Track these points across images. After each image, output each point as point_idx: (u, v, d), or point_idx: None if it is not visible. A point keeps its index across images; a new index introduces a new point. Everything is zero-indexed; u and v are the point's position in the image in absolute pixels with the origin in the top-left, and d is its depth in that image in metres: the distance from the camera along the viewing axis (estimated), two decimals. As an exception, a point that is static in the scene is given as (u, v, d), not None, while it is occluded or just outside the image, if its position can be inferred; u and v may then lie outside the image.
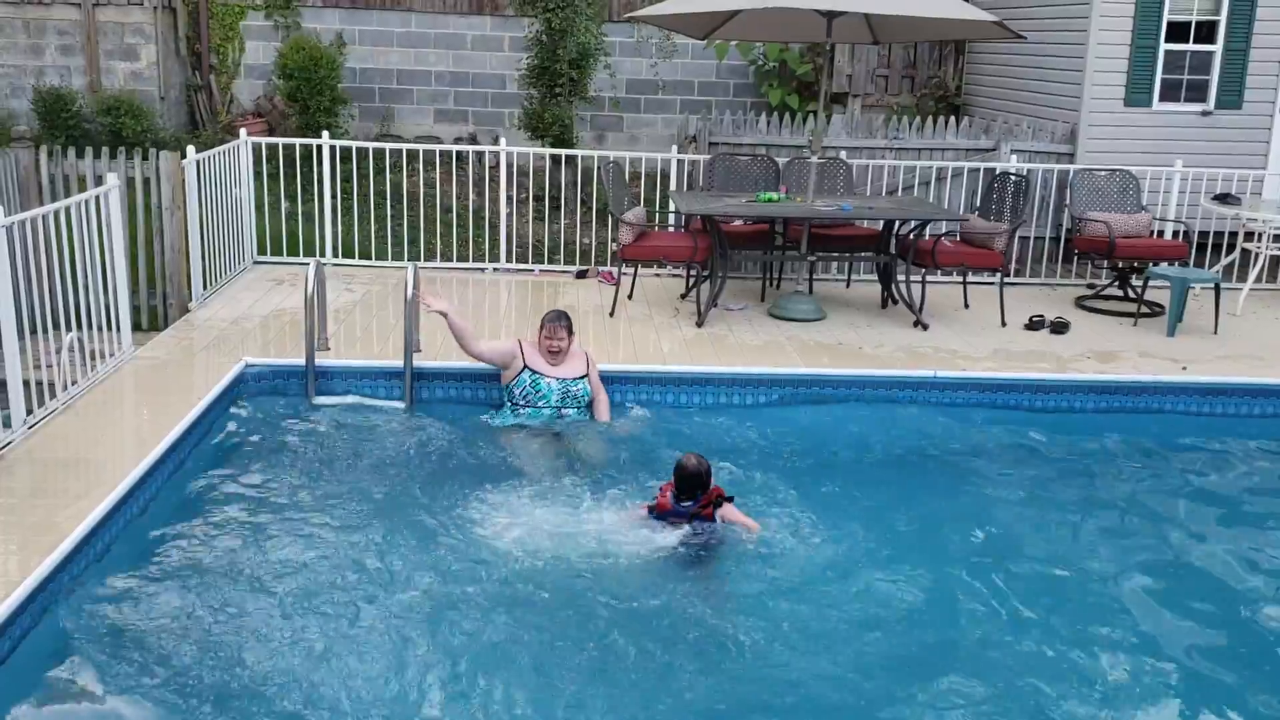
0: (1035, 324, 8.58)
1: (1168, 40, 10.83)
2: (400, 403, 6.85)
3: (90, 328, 6.50)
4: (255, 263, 9.59)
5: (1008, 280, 9.11)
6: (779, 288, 9.51)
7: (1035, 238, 10.46)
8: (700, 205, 8.54)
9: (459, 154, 11.45)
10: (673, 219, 9.76)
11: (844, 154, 10.21)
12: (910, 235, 8.76)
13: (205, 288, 8.41)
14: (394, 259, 9.89)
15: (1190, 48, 10.89)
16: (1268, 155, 11.08)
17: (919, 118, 11.40)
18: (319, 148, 9.63)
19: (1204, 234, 10.36)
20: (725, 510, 5.29)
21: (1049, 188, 10.47)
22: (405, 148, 10.26)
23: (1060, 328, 8.50)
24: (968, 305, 9.14)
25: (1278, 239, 9.80)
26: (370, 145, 10.08)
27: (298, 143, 10.00)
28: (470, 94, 14.30)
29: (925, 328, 8.40)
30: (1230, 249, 10.24)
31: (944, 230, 9.18)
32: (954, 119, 11.23)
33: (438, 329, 7.83)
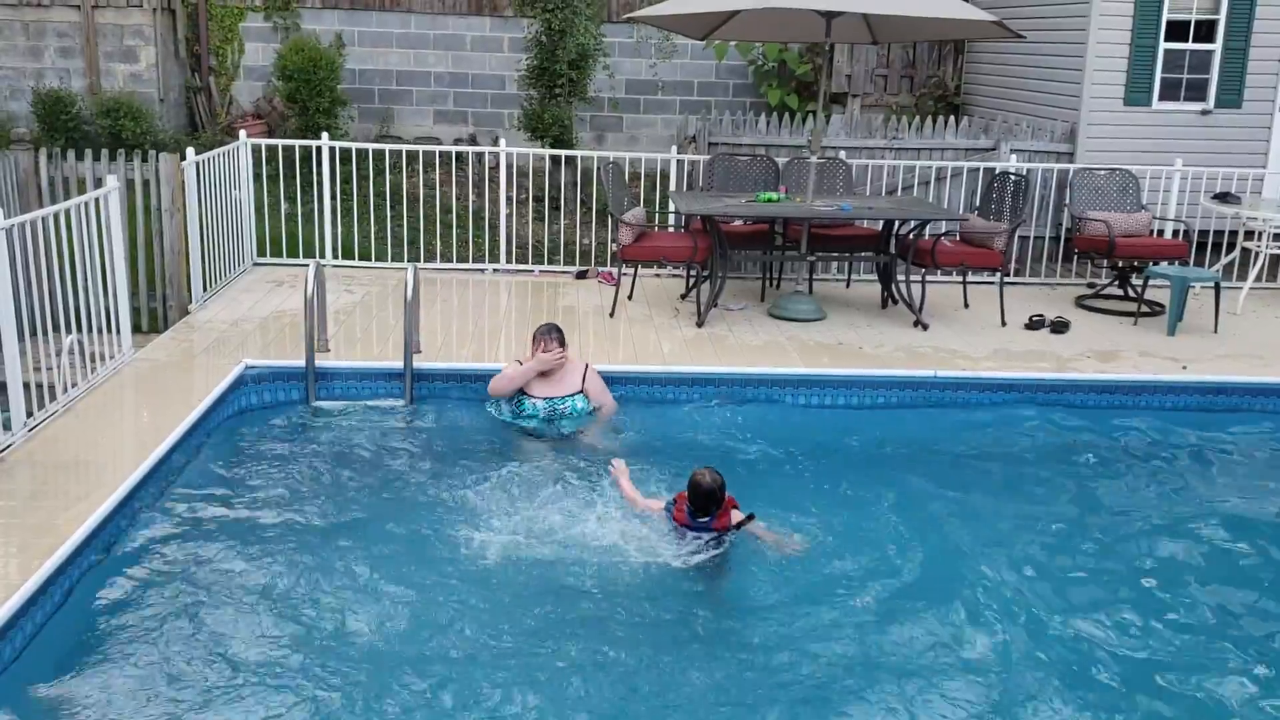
0: (1035, 323, 8.58)
1: (1167, 39, 10.84)
2: (401, 403, 6.86)
3: (90, 330, 6.50)
4: (255, 264, 9.59)
5: (1008, 280, 9.11)
6: (779, 288, 9.51)
7: (1035, 237, 10.46)
8: (700, 205, 8.54)
9: (458, 155, 11.46)
10: (672, 219, 9.76)
11: (843, 154, 10.21)
12: (910, 235, 8.76)
13: (205, 289, 8.41)
14: (394, 260, 9.89)
15: (1190, 47, 10.89)
16: (1267, 154, 11.09)
17: (918, 117, 11.40)
18: (318, 149, 9.63)
19: (1204, 233, 10.36)
20: (754, 528, 5.26)
21: (1049, 187, 10.47)
22: (405, 149, 10.27)
23: (1060, 327, 8.50)
24: (968, 305, 9.14)
25: (1277, 238, 9.81)
26: (370, 146, 10.08)
27: (297, 144, 9.99)
28: (470, 95, 14.30)
29: (925, 327, 8.40)
30: (1230, 248, 10.24)
31: (944, 230, 9.17)
32: (953, 119, 11.23)
33: (437, 330, 7.84)
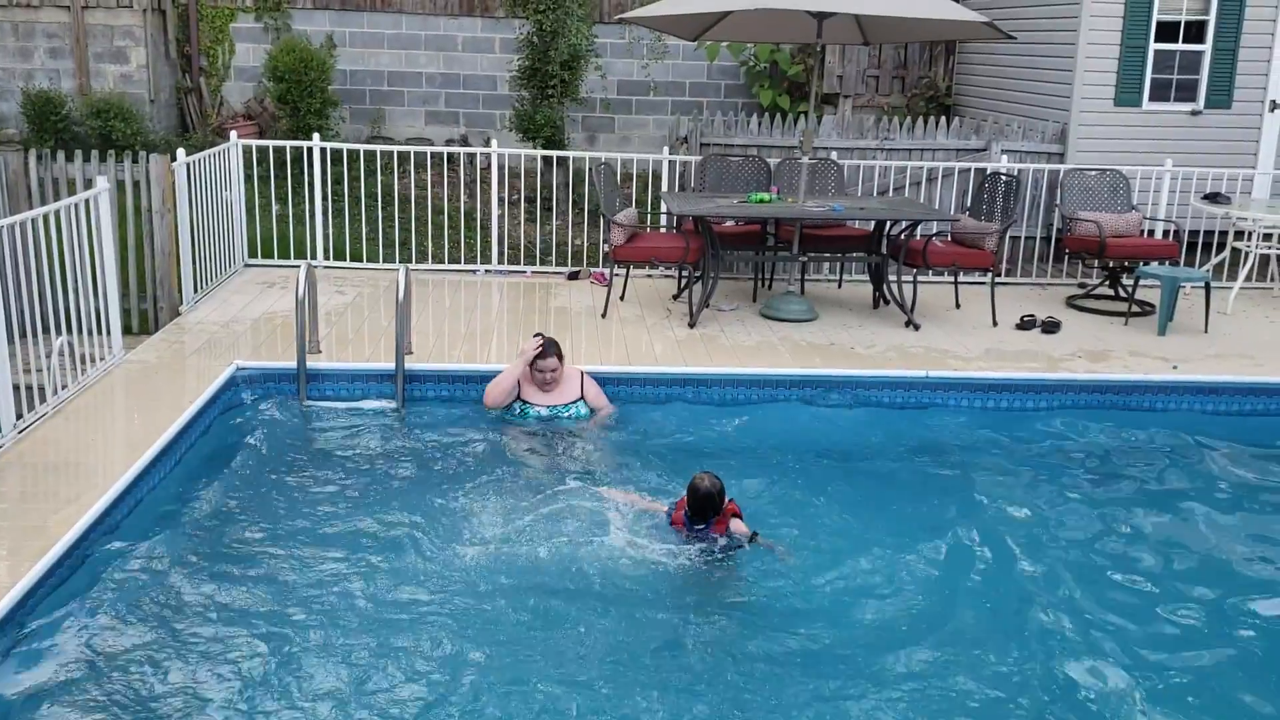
0: (1026, 323, 8.59)
1: (1157, 40, 10.85)
2: (392, 404, 6.85)
3: (80, 332, 6.48)
4: (246, 265, 9.57)
5: (999, 280, 9.13)
6: (771, 288, 9.51)
7: (1026, 237, 10.48)
8: (692, 206, 8.54)
9: (450, 156, 11.44)
10: (664, 220, 9.77)
11: (835, 154, 10.22)
12: (901, 235, 8.77)
13: (196, 291, 8.39)
14: (385, 261, 9.88)
15: (1180, 47, 10.91)
16: (1257, 154, 11.11)
17: (909, 118, 11.41)
18: (310, 150, 9.61)
19: (1194, 233, 10.38)
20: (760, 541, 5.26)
21: (1039, 188, 10.48)
22: (396, 150, 10.25)
23: (1051, 327, 8.51)
24: (959, 305, 9.16)
25: (1267, 238, 9.85)
26: (361, 147, 10.07)
27: (288, 145, 9.97)
28: (461, 95, 14.29)
29: (917, 328, 8.41)
30: (1220, 248, 10.28)
31: (935, 230, 9.20)
32: (944, 119, 11.24)
33: (429, 331, 7.83)
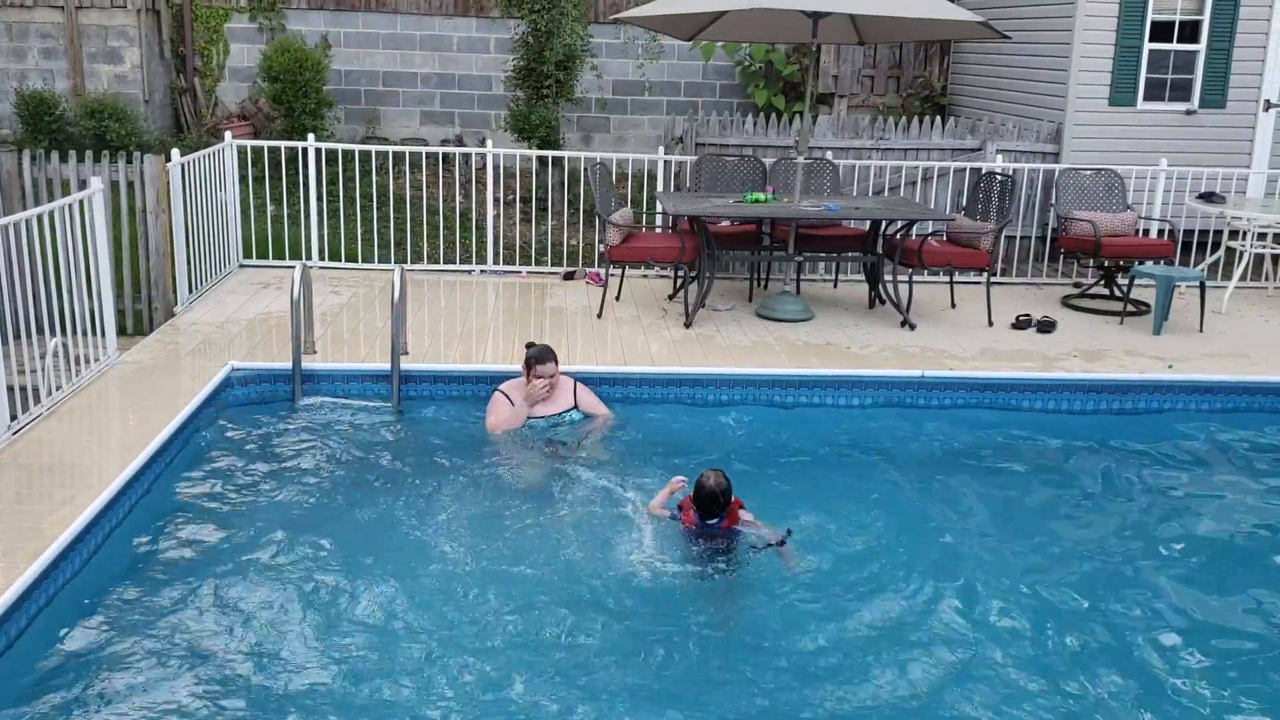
0: (1022, 323, 8.60)
1: (1151, 40, 10.87)
2: (388, 404, 6.84)
3: (75, 332, 6.46)
4: (241, 266, 9.56)
5: (994, 280, 9.14)
6: (766, 288, 9.51)
7: (1021, 237, 10.50)
8: (687, 206, 8.54)
9: (445, 156, 11.44)
10: (660, 220, 9.76)
11: (830, 154, 10.22)
12: (897, 235, 8.78)
13: (191, 291, 8.37)
14: (380, 261, 9.86)
15: (1174, 47, 10.93)
16: (1251, 154, 11.13)
17: (905, 118, 11.42)
18: (304, 150, 9.60)
19: (1189, 232, 10.40)
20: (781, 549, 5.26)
21: (1035, 187, 10.50)
22: (391, 150, 10.24)
23: (1047, 327, 8.52)
24: (954, 305, 9.16)
25: (1262, 237, 9.87)
26: (356, 148, 10.05)
27: (283, 145, 9.95)
28: (456, 96, 14.27)
29: (913, 327, 8.42)
30: (1215, 247, 10.29)
31: (930, 230, 9.20)
32: (939, 119, 11.25)
33: (424, 331, 7.82)
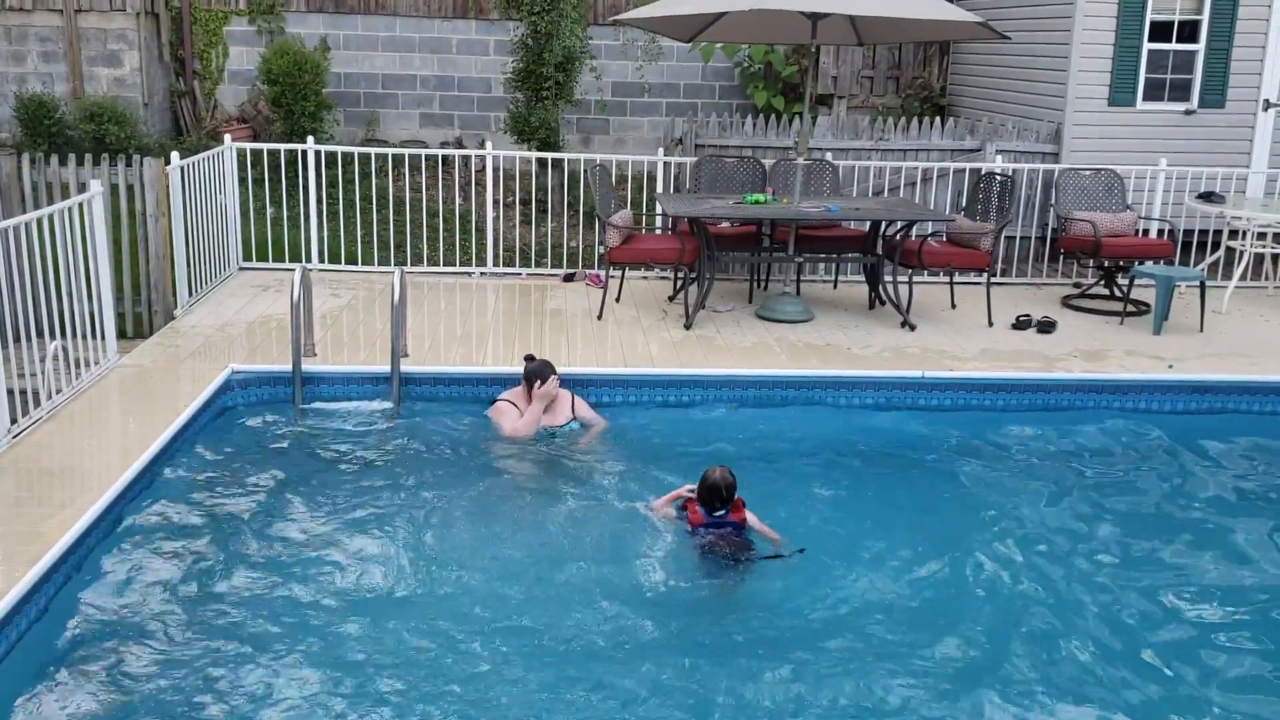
0: (1022, 323, 8.59)
1: (1151, 40, 10.87)
2: (388, 406, 6.83)
3: (74, 336, 6.46)
4: (241, 269, 9.55)
5: (994, 280, 9.13)
6: (766, 289, 9.51)
7: (1021, 237, 10.49)
8: (687, 207, 8.54)
9: (445, 158, 11.43)
10: (660, 221, 9.76)
11: (830, 155, 10.22)
12: (897, 236, 8.77)
13: (190, 294, 8.37)
14: (380, 264, 9.86)
15: (1173, 47, 10.93)
16: (1251, 153, 11.13)
17: (904, 118, 11.42)
18: (304, 153, 9.60)
19: (1189, 232, 10.40)
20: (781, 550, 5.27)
21: (1034, 187, 10.49)
22: (391, 152, 10.24)
23: (1047, 327, 8.52)
24: (955, 305, 9.16)
25: (1261, 237, 9.86)
26: (355, 150, 10.05)
27: (283, 148, 9.95)
28: (456, 98, 14.27)
29: (913, 328, 8.41)
30: (1215, 247, 10.29)
31: (930, 231, 9.20)
32: (939, 120, 11.25)
33: (424, 334, 7.82)
